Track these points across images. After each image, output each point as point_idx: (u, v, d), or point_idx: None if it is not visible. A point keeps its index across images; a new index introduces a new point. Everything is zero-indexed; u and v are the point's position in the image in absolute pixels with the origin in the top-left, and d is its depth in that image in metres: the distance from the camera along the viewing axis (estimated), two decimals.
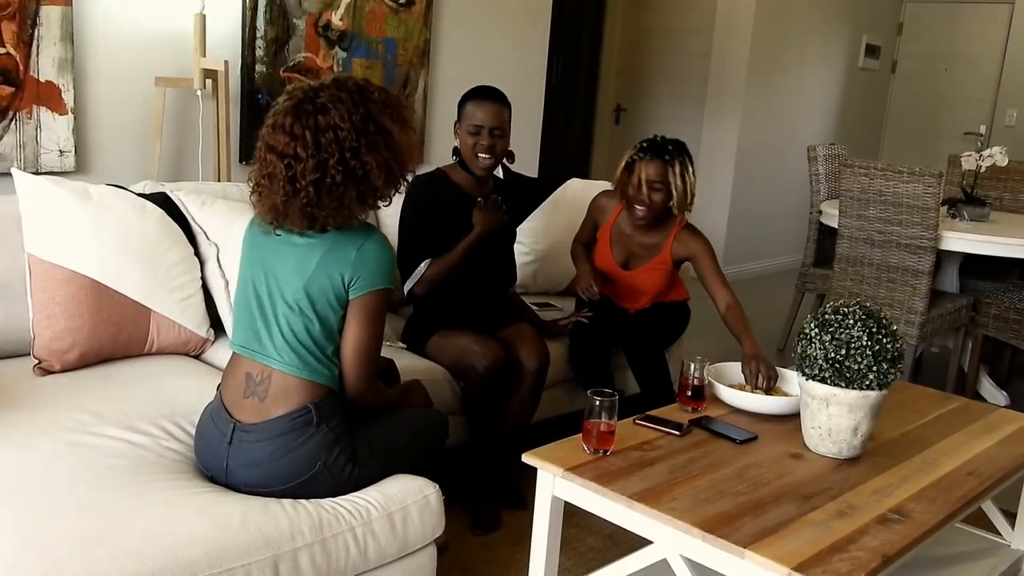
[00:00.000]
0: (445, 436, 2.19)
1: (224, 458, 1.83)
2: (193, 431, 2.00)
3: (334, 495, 1.85)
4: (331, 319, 1.85)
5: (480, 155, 2.70)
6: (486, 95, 2.73)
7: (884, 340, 1.87)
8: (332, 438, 1.83)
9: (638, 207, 2.92)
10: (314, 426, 1.82)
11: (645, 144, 2.93)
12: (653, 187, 2.88)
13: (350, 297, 1.84)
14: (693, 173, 2.93)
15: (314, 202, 1.77)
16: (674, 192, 2.89)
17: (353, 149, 1.76)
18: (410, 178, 1.93)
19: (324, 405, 1.84)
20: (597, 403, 1.88)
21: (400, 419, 2.05)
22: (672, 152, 2.90)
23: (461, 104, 2.75)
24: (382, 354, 2.02)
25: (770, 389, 2.36)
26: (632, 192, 2.92)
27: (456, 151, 2.77)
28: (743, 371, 2.41)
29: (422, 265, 2.70)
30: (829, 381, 1.89)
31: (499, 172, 2.96)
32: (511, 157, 2.82)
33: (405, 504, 1.88)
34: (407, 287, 2.74)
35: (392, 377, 2.25)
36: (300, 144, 1.76)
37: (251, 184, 1.87)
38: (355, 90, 1.81)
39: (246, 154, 3.59)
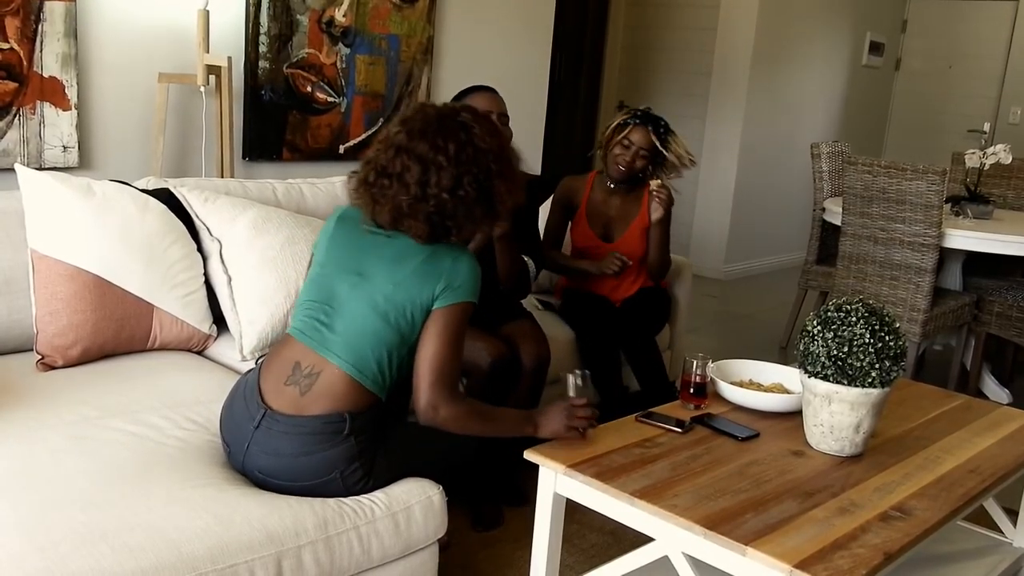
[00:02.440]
0: (471, 461, 2.09)
1: (248, 440, 1.83)
2: (196, 426, 2.00)
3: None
4: (404, 328, 1.83)
5: None
6: (475, 93, 2.67)
7: (887, 338, 1.87)
8: (356, 451, 1.81)
9: (621, 166, 3.02)
10: (343, 436, 1.80)
11: (640, 112, 3.03)
12: (639, 155, 3.01)
13: (435, 307, 1.83)
14: (678, 138, 3.07)
15: (444, 211, 1.81)
16: (674, 160, 3.03)
17: (487, 170, 1.82)
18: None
19: (360, 417, 1.82)
20: (571, 380, 1.97)
21: (429, 441, 1.97)
22: (665, 129, 3.03)
23: None
24: None
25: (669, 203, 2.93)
26: (618, 151, 3.02)
27: None
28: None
29: None
30: (831, 378, 1.89)
31: None
32: None
33: (409, 504, 1.88)
34: None
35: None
36: (442, 154, 1.79)
37: (359, 179, 1.87)
38: (488, 119, 1.90)
39: (249, 150, 3.59)
